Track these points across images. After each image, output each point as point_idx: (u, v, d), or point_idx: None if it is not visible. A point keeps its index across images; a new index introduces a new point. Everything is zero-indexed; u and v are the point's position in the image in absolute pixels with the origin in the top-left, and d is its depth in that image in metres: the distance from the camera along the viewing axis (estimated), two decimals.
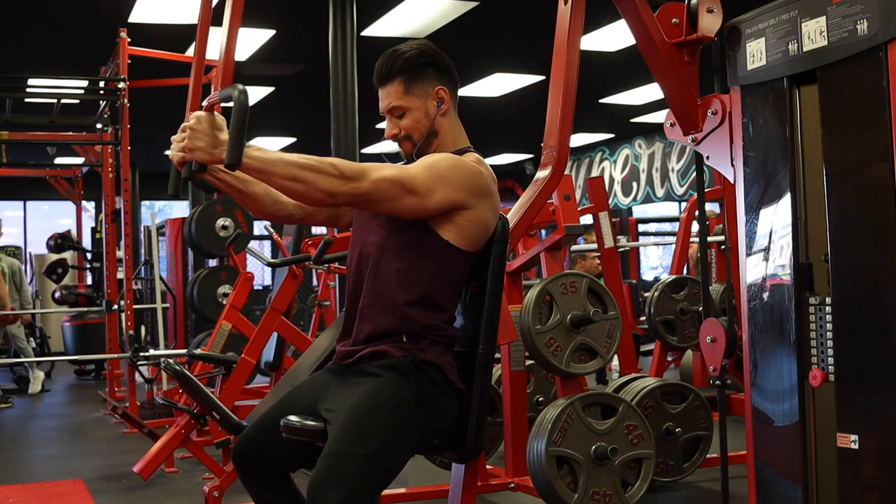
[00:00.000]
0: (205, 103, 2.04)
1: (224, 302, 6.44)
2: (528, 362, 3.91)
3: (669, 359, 6.04)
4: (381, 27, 8.00)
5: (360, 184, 2.05)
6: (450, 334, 2.21)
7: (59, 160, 11.54)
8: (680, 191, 13.33)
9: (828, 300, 2.26)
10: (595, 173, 14.97)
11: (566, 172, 3.46)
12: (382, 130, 2.32)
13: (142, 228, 12.12)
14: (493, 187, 2.24)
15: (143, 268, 9.49)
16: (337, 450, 1.97)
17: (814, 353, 2.29)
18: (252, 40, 8.53)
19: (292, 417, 2.12)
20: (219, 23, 4.66)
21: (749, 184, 2.49)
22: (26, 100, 8.04)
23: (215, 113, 2.01)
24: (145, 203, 16.76)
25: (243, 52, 8.90)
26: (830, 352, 2.25)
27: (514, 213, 3.34)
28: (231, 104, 1.92)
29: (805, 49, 2.30)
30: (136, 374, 6.59)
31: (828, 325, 2.26)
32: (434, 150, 2.27)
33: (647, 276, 13.46)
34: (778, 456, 2.38)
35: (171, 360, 4.34)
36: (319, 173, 2.02)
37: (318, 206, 2.23)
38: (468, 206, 2.17)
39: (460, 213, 2.16)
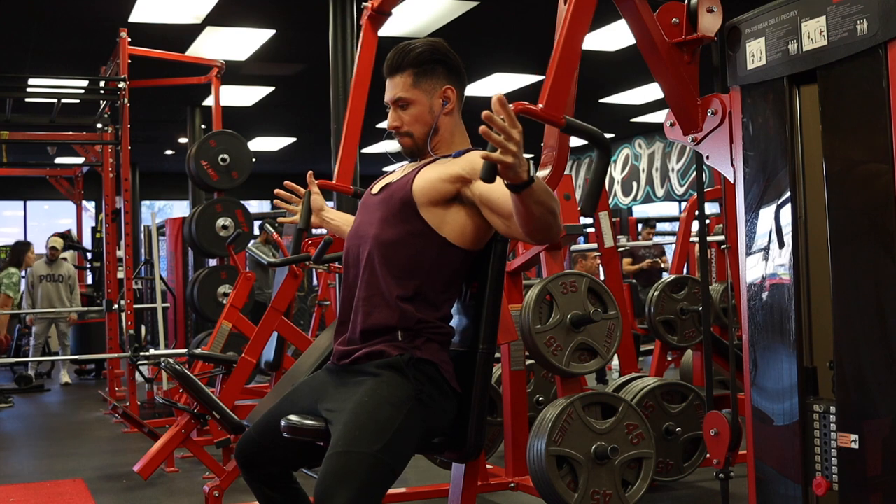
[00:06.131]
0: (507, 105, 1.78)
1: (224, 302, 6.44)
2: (528, 362, 3.91)
3: (669, 358, 6.04)
4: (382, 27, 7.99)
5: None
6: (445, 332, 2.21)
7: (59, 160, 11.57)
8: (680, 191, 13.34)
9: (832, 409, 2.22)
10: None
11: (566, 172, 3.46)
12: (383, 130, 2.32)
13: (142, 228, 12.13)
14: None
15: (143, 267, 9.49)
16: (343, 449, 1.96)
17: (817, 461, 2.26)
18: (252, 40, 8.54)
19: (293, 417, 2.12)
20: (219, 23, 4.66)
21: (749, 183, 2.49)
22: (26, 99, 8.06)
23: None
24: (145, 203, 16.79)
25: (243, 52, 8.91)
26: (835, 460, 2.21)
27: None
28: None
29: (805, 49, 2.30)
30: (137, 374, 6.59)
31: (832, 433, 2.22)
32: (433, 146, 2.28)
33: None
34: (778, 456, 2.38)
35: (171, 360, 4.34)
36: (560, 211, 1.98)
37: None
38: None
39: (476, 218, 2.18)
